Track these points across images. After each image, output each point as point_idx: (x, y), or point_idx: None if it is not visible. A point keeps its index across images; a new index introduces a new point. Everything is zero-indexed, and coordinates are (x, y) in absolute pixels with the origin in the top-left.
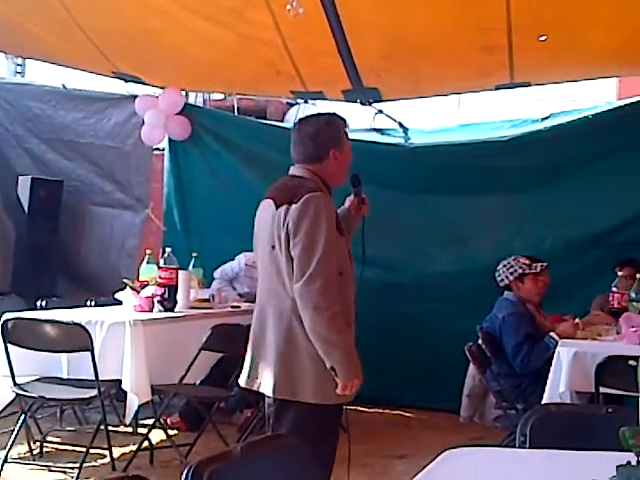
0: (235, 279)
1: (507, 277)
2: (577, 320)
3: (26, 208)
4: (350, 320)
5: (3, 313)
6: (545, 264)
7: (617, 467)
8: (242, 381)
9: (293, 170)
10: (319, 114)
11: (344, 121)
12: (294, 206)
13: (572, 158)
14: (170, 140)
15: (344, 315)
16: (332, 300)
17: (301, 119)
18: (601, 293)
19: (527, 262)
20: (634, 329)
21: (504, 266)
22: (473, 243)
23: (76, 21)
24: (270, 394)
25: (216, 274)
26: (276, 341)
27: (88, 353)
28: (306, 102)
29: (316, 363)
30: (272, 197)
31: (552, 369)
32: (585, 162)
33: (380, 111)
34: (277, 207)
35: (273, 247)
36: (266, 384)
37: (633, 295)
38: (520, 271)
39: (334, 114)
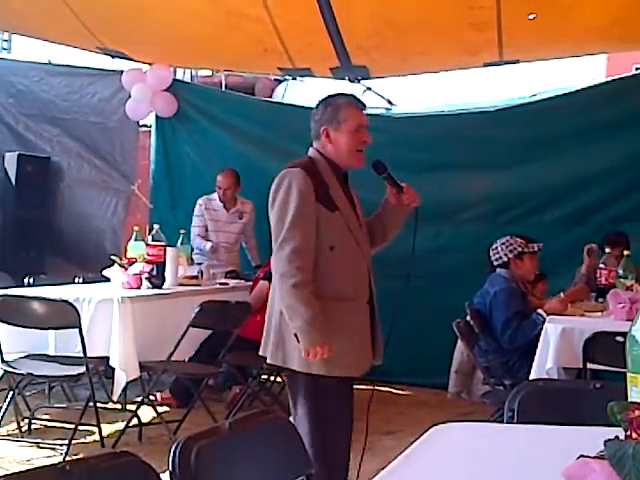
0: (206, 229)
1: (506, 254)
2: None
3: (13, 184)
4: (347, 295)
5: None
6: (541, 245)
7: (605, 442)
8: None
9: None
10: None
11: (357, 100)
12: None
13: (559, 132)
14: (157, 117)
15: (337, 289)
16: (299, 269)
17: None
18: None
19: (524, 241)
20: (621, 305)
21: (503, 244)
22: (459, 218)
23: None
24: (269, 360)
25: (194, 244)
26: (273, 312)
27: (76, 330)
28: (294, 79)
29: None
30: None
31: (540, 345)
32: (573, 136)
33: (369, 88)
34: None
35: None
36: (266, 351)
37: (621, 272)
38: (519, 249)
39: (342, 94)
